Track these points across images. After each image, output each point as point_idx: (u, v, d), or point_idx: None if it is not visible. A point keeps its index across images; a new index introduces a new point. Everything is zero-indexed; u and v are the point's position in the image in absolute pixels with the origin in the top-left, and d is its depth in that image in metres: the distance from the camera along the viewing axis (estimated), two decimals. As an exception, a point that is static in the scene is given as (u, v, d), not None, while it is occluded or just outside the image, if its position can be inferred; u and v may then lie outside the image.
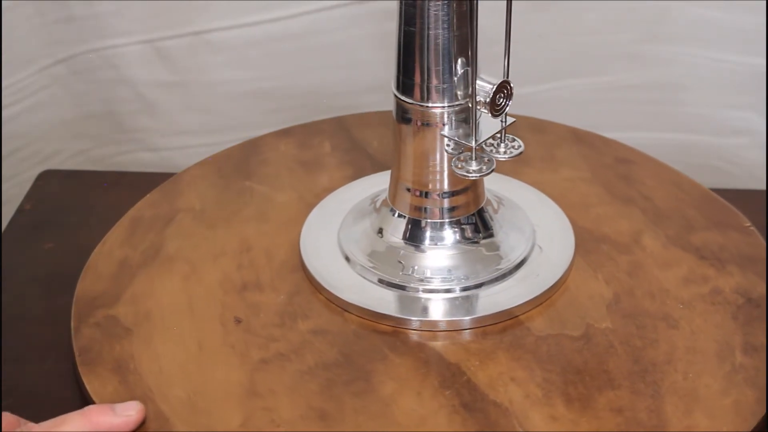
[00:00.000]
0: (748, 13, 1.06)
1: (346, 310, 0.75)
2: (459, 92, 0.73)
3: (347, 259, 0.79)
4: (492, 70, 0.73)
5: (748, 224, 0.83)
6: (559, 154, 0.93)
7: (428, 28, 0.71)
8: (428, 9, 0.70)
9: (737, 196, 0.89)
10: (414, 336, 0.73)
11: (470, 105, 0.73)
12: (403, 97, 0.74)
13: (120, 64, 1.15)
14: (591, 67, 1.13)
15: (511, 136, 0.75)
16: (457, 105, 0.73)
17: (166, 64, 1.15)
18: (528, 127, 0.91)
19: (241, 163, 0.93)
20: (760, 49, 1.07)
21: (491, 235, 0.79)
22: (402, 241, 0.78)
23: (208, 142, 1.16)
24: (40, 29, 1.12)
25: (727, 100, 1.12)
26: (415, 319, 0.74)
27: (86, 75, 1.16)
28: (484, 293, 0.76)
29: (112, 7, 1.12)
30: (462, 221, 0.78)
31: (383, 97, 0.78)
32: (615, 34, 1.11)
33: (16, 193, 1.09)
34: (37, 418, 0.66)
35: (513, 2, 0.70)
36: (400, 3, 0.71)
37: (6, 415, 0.67)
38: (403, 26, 0.72)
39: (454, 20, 0.71)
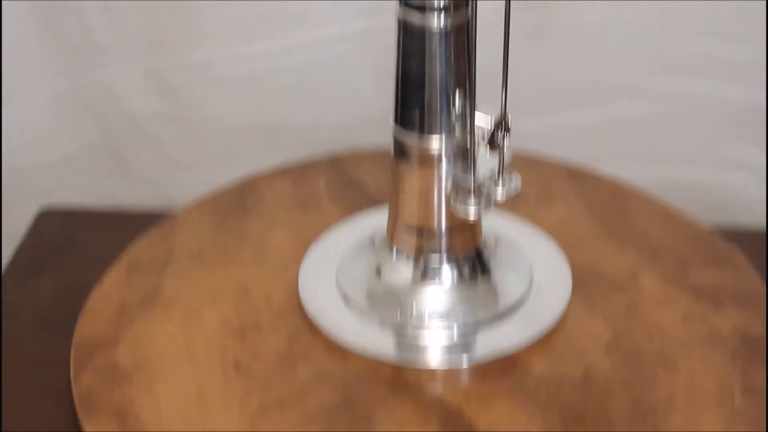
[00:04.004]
0: (748, 46, 1.07)
1: (345, 353, 0.75)
2: (457, 128, 0.73)
3: (346, 299, 0.79)
4: (490, 104, 0.74)
5: (745, 263, 0.83)
6: (554, 190, 0.93)
7: (426, 63, 0.71)
8: (426, 45, 0.70)
9: (735, 234, 0.89)
10: (413, 378, 0.73)
11: (468, 141, 0.73)
12: (401, 134, 0.74)
13: (120, 97, 1.16)
14: (588, 100, 1.13)
15: (508, 172, 0.75)
16: (455, 141, 0.73)
17: (166, 97, 1.15)
18: (523, 163, 0.91)
19: (237, 202, 0.93)
20: (760, 82, 1.08)
21: (489, 274, 0.79)
22: (400, 280, 0.78)
23: (207, 176, 1.16)
24: (40, 62, 1.13)
25: (727, 133, 1.12)
26: (414, 361, 0.74)
27: (86, 108, 1.16)
28: (482, 334, 0.76)
29: (113, 40, 1.12)
30: (460, 259, 0.78)
31: (382, 131, 0.78)
32: (612, 68, 1.11)
33: (14, 228, 1.09)
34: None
35: (510, 35, 0.71)
36: (398, 38, 0.72)
37: None
38: (401, 62, 0.72)
39: (452, 56, 0.71)
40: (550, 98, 1.14)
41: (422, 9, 0.69)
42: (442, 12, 0.69)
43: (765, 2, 1.05)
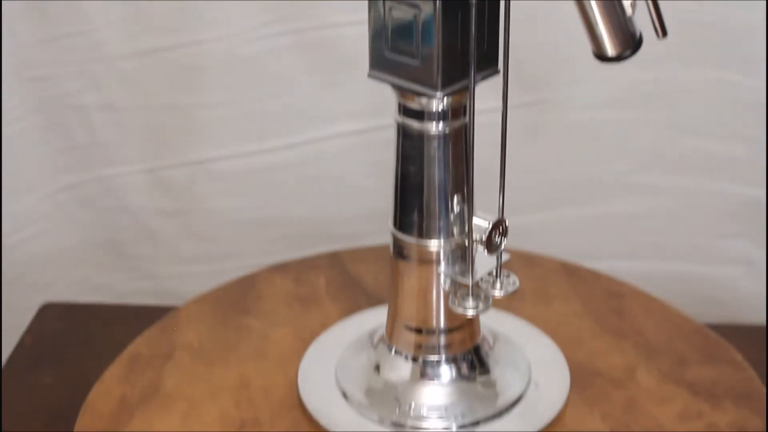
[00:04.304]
0: (743, 143, 1.09)
1: (345, 450, 0.76)
2: (455, 230, 0.74)
3: (345, 396, 0.80)
4: (487, 201, 0.75)
5: (741, 359, 0.84)
6: (551, 287, 0.94)
7: (425, 167, 0.72)
8: (425, 149, 0.72)
9: (734, 330, 0.90)
10: (412, 476, 0.74)
11: (466, 243, 0.74)
12: (400, 235, 0.75)
13: (121, 193, 1.17)
14: (585, 197, 1.14)
15: (506, 271, 0.76)
16: (454, 242, 0.74)
17: (167, 193, 1.17)
18: (520, 260, 0.93)
19: (238, 298, 0.94)
20: (756, 178, 1.09)
21: (487, 372, 0.79)
22: (399, 378, 0.79)
23: (207, 270, 1.18)
24: (43, 157, 1.14)
25: (723, 229, 1.13)
26: (412, 459, 0.75)
27: (88, 203, 1.17)
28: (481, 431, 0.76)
29: (114, 137, 1.14)
30: (458, 358, 0.79)
31: (381, 226, 0.79)
32: (609, 164, 1.13)
33: (16, 322, 1.10)
34: None
35: (507, 133, 0.72)
36: (397, 143, 0.73)
37: None
38: (400, 166, 0.74)
39: (451, 160, 0.72)
40: (548, 194, 1.15)
41: (420, 115, 0.70)
42: (440, 118, 0.70)
43: (765, 103, 1.06)
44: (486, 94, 0.72)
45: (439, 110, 0.70)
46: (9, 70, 1.09)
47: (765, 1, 1.03)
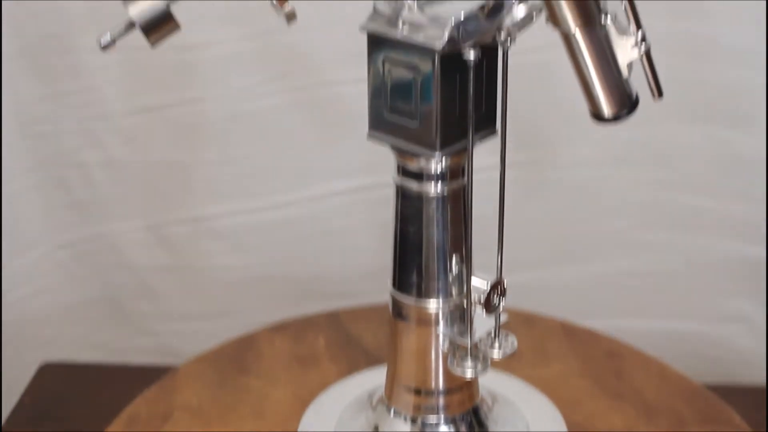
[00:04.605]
0: (742, 201, 1.09)
1: None
2: (454, 290, 0.74)
3: (344, 458, 0.80)
4: (486, 257, 0.75)
5: (739, 420, 0.84)
6: (550, 347, 0.94)
7: (424, 228, 0.73)
8: (424, 210, 0.72)
9: (734, 390, 0.90)
10: None
11: (465, 304, 0.74)
12: (399, 295, 0.75)
13: (121, 249, 1.17)
14: (584, 254, 1.15)
15: (504, 332, 0.76)
16: (452, 303, 0.74)
17: (167, 249, 1.17)
18: (519, 320, 0.93)
19: (237, 358, 0.94)
20: (755, 236, 1.09)
21: (487, 433, 0.80)
22: (398, 439, 0.79)
23: (207, 327, 1.17)
24: (43, 214, 1.14)
25: (722, 287, 1.13)
26: None
27: (87, 260, 1.17)
28: (480, 495, 0.76)
29: (115, 193, 1.14)
30: (458, 419, 0.78)
31: (380, 283, 0.79)
32: (608, 222, 1.13)
33: (15, 380, 1.10)
34: None
35: (505, 195, 0.72)
36: (396, 204, 0.74)
37: None
38: (399, 226, 0.74)
39: (449, 221, 0.73)
40: (547, 252, 1.15)
41: (419, 176, 0.71)
42: (439, 179, 0.71)
43: (765, 160, 1.07)
44: (484, 151, 0.72)
45: (438, 171, 0.70)
46: (10, 127, 1.09)
47: (765, 61, 1.03)
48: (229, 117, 1.10)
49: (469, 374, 0.74)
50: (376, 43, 0.68)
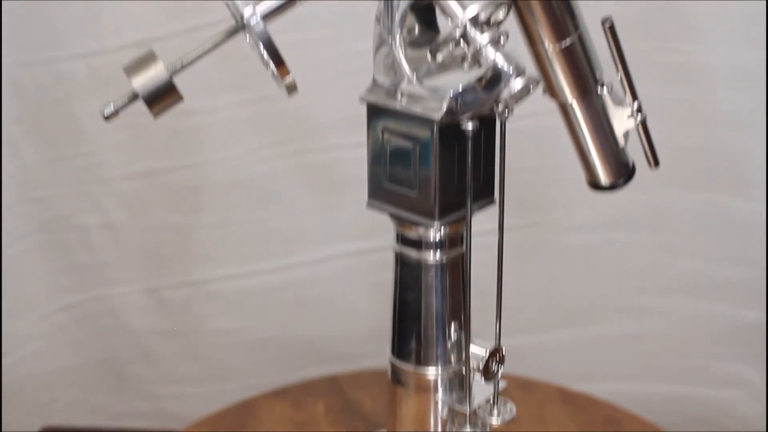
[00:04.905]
0: (740, 265, 1.09)
1: None
2: (453, 357, 0.74)
3: None
4: (485, 322, 0.75)
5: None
6: (548, 414, 0.94)
7: (423, 295, 0.73)
8: (423, 278, 0.72)
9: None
10: None
11: (464, 371, 0.74)
12: (398, 362, 0.75)
13: (120, 313, 1.17)
14: (582, 318, 1.15)
15: (503, 398, 0.76)
16: (451, 369, 0.75)
17: (166, 313, 1.17)
18: (517, 386, 0.92)
19: (238, 423, 0.93)
20: (754, 301, 1.09)
21: (486, 500, 0.79)
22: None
23: (205, 391, 1.17)
24: (44, 277, 1.14)
25: (722, 351, 1.14)
26: None
27: (86, 323, 1.17)
28: None
29: (114, 257, 1.14)
30: (456, 485, 0.78)
31: (379, 347, 0.79)
32: (606, 286, 1.14)
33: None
34: None
35: (504, 255, 0.72)
36: (395, 271, 0.74)
37: None
38: (398, 293, 0.74)
39: (448, 288, 0.73)
40: (545, 316, 1.15)
41: (418, 244, 0.71)
42: (438, 247, 0.71)
43: (766, 228, 1.08)
44: (482, 215, 0.73)
45: (437, 240, 0.71)
46: (10, 192, 1.10)
47: (765, 127, 1.04)
48: (228, 181, 1.11)
49: (467, 441, 0.74)
50: (376, 112, 0.68)
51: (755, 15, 1.02)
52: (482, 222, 0.73)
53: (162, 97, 0.62)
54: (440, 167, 0.67)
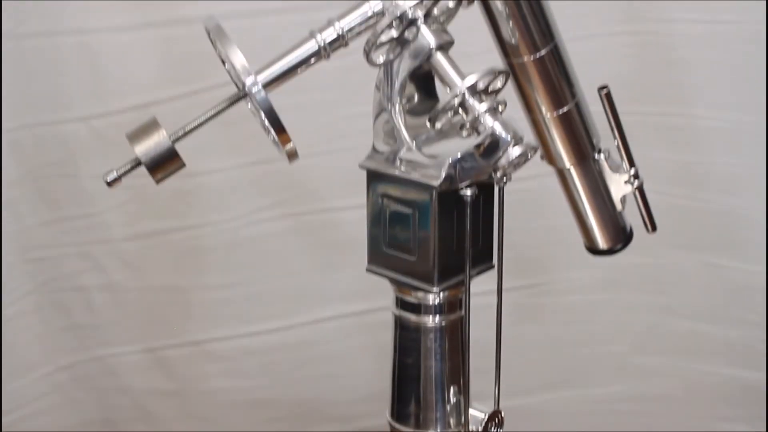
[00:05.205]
0: (739, 326, 1.10)
1: None
2: (452, 421, 0.74)
3: None
4: (484, 382, 0.75)
5: None
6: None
7: (422, 359, 0.73)
8: (422, 341, 0.73)
9: None
10: None
11: (463, 433, 0.74)
12: (397, 425, 0.75)
13: (119, 373, 1.17)
14: (582, 378, 1.15)
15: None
16: (450, 433, 0.75)
17: (165, 373, 1.17)
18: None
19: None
20: (753, 362, 1.09)
21: None
22: None
23: (204, 451, 1.17)
24: (43, 338, 1.14)
25: (721, 412, 1.13)
26: None
27: (85, 383, 1.17)
28: None
29: (114, 317, 1.14)
30: None
31: (379, 407, 0.79)
32: (605, 346, 1.14)
33: None
34: None
35: (503, 313, 0.73)
36: (395, 334, 0.74)
37: None
38: (397, 356, 0.74)
39: (447, 352, 0.73)
40: (545, 376, 1.15)
41: (417, 309, 0.72)
42: (437, 312, 0.71)
43: (766, 283, 1.08)
44: (482, 277, 0.73)
45: (436, 304, 0.71)
46: (10, 252, 1.10)
47: (765, 190, 1.05)
48: (228, 243, 1.11)
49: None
50: (375, 177, 0.69)
51: (753, 78, 1.03)
52: (482, 283, 0.73)
53: (165, 164, 0.63)
54: (439, 233, 0.67)
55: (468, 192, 0.66)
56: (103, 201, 1.09)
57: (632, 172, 0.71)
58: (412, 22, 0.65)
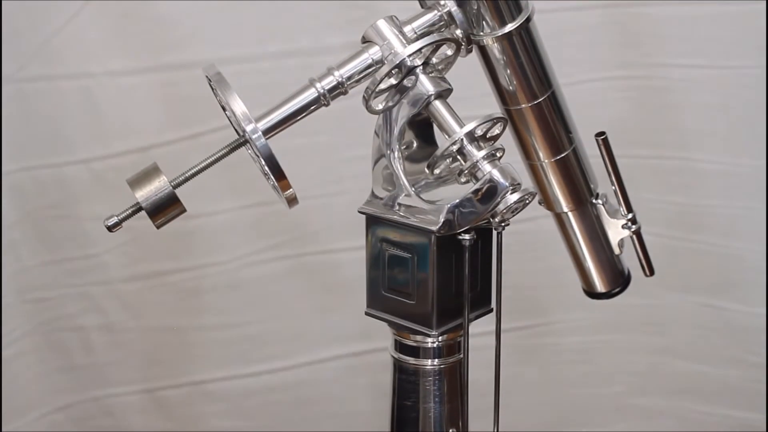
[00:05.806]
0: (738, 368, 1.10)
1: None
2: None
3: None
4: (482, 424, 0.75)
5: None
6: None
7: (420, 401, 0.73)
8: (420, 384, 0.73)
9: None
10: None
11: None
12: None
13: (117, 413, 1.17)
14: (581, 419, 1.15)
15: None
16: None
17: (164, 414, 1.16)
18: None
19: None
20: (752, 403, 1.10)
21: None
22: None
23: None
24: (41, 378, 1.14)
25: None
26: None
27: (83, 423, 1.17)
28: None
29: (113, 358, 1.14)
30: None
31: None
32: (604, 387, 1.14)
33: None
34: None
35: (501, 355, 0.73)
36: (393, 377, 0.74)
37: None
38: (396, 399, 0.74)
39: (446, 394, 0.73)
40: (544, 417, 1.15)
41: (416, 352, 0.72)
42: (436, 355, 0.71)
43: (765, 331, 1.08)
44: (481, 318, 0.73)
45: (434, 347, 0.71)
46: (10, 292, 1.10)
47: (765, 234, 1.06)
48: (228, 284, 1.11)
49: None
50: (374, 222, 0.69)
51: (750, 121, 1.04)
52: (480, 323, 0.74)
53: (165, 209, 0.63)
54: (437, 278, 0.67)
55: (466, 237, 0.66)
56: (102, 242, 1.10)
57: (630, 216, 0.72)
58: (411, 71, 0.66)
